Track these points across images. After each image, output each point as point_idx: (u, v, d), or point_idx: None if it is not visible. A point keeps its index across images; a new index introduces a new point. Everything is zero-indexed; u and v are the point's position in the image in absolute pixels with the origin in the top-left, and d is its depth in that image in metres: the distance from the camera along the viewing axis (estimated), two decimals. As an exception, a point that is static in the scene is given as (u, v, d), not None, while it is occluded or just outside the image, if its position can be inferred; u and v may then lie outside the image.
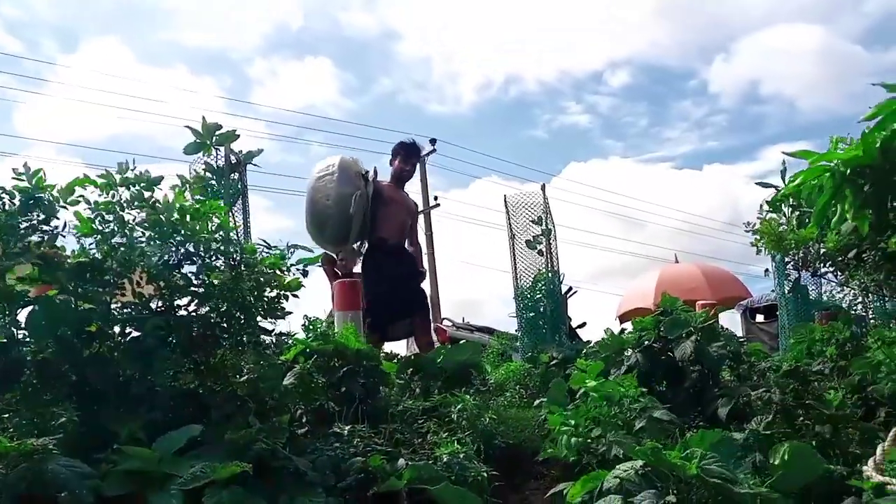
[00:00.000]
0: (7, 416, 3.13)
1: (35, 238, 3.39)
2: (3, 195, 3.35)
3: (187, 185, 3.87)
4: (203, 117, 5.54)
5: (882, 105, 3.45)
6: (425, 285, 6.45)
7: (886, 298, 6.20)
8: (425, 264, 7.81)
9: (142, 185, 3.60)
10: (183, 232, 3.63)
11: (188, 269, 3.78)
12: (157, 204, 3.62)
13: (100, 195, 3.59)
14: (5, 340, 3.32)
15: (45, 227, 3.44)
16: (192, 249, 3.71)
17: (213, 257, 3.78)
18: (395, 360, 5.52)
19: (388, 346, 6.33)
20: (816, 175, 3.83)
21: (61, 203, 3.47)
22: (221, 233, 3.81)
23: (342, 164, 5.76)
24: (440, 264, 20.40)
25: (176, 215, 3.62)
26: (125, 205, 3.61)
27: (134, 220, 3.62)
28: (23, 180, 3.37)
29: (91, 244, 3.55)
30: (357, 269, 6.28)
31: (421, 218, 21.57)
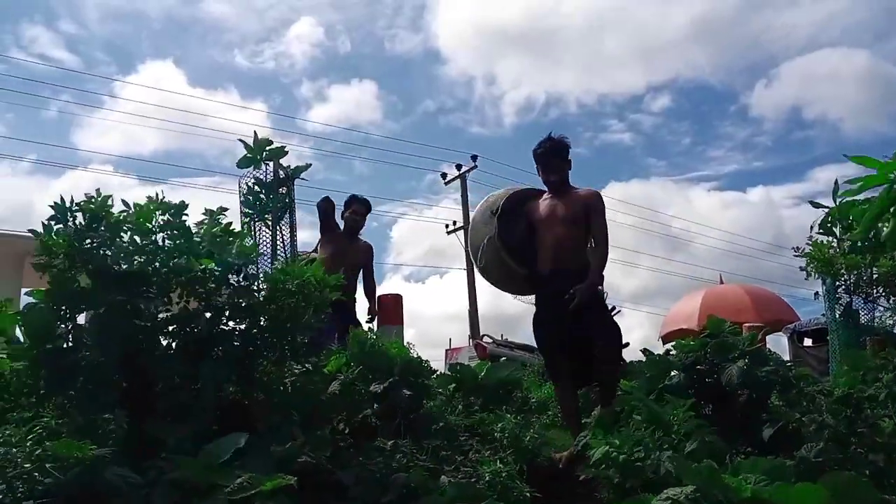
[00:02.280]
0: (61, 421, 3.20)
1: (102, 254, 3.54)
2: (76, 212, 3.57)
3: (216, 213, 3.95)
4: (255, 132, 5.64)
5: None
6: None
7: (942, 325, 6.00)
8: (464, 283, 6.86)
9: (171, 211, 3.73)
10: (212, 254, 3.74)
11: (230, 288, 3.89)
12: (185, 227, 3.77)
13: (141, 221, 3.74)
14: (65, 345, 3.45)
15: (109, 247, 3.60)
16: (225, 270, 3.82)
17: (247, 277, 3.90)
18: (436, 375, 5.52)
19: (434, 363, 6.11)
20: (876, 183, 3.74)
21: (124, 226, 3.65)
22: (245, 253, 3.91)
23: (476, 214, 4.92)
24: (478, 279, 20.32)
25: (203, 239, 3.77)
26: (159, 228, 3.73)
27: (170, 243, 3.74)
28: (92, 204, 3.57)
29: (137, 262, 3.67)
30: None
31: (461, 234, 21.38)
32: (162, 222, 3.74)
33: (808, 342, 10.73)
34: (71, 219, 3.56)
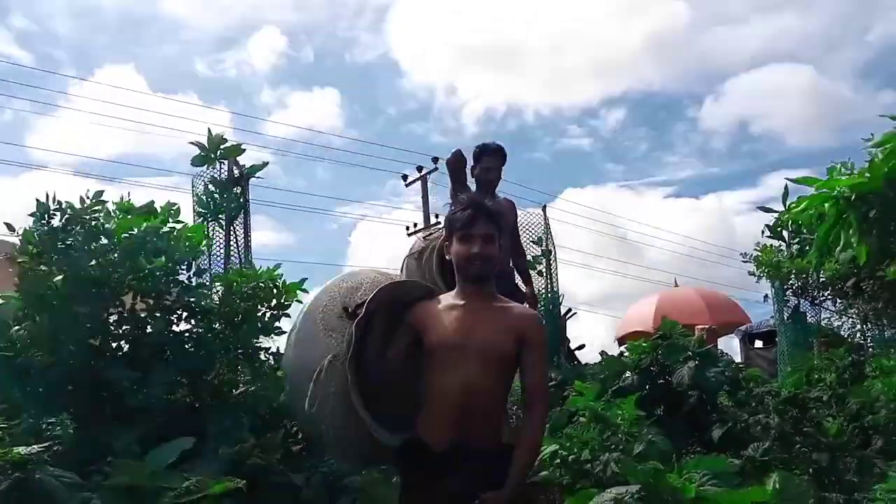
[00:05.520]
0: (6, 425, 3.12)
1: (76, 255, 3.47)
2: (55, 211, 3.49)
3: (170, 210, 3.88)
4: (209, 129, 5.56)
5: (890, 134, 3.48)
6: None
7: (885, 327, 6.20)
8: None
9: (137, 211, 3.68)
10: (165, 252, 3.68)
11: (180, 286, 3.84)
12: (136, 229, 3.68)
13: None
14: (18, 345, 3.37)
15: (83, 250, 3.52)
16: (175, 268, 3.76)
17: (200, 275, 3.84)
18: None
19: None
20: (820, 201, 3.86)
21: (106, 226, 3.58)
22: (198, 251, 3.86)
23: (312, 306, 2.52)
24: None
25: (156, 237, 3.70)
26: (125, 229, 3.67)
27: (125, 242, 3.66)
28: (82, 205, 3.53)
29: (93, 262, 3.60)
30: None
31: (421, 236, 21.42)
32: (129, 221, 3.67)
33: (758, 344, 11.00)
34: (50, 218, 3.49)
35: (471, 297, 2.34)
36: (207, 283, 3.93)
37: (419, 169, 22.58)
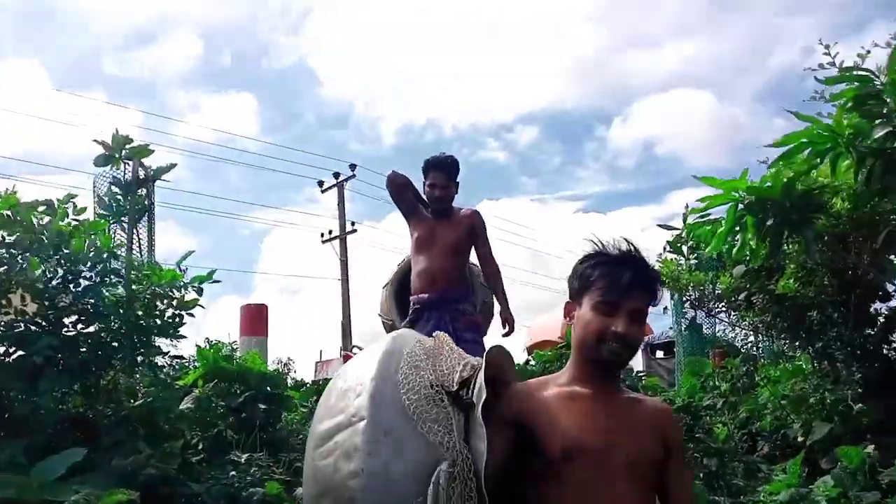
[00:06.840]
0: None
1: None
2: None
3: (70, 204, 3.71)
4: (116, 129, 5.38)
5: (788, 136, 3.67)
6: None
7: (774, 339, 6.56)
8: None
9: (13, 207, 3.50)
10: (63, 251, 3.52)
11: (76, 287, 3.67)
12: (37, 225, 3.51)
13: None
14: None
15: None
16: (75, 268, 3.61)
17: (102, 276, 3.68)
18: (302, 388, 5.45)
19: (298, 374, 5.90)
20: (721, 201, 4.04)
21: None
22: (103, 251, 3.72)
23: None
24: (353, 291, 20.25)
25: (56, 234, 3.53)
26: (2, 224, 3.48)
27: (14, 239, 3.48)
28: None
29: None
30: None
31: (336, 244, 21.23)
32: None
33: (660, 354, 11.45)
34: None
35: (596, 385, 1.66)
36: (111, 283, 3.76)
37: (336, 175, 22.39)
